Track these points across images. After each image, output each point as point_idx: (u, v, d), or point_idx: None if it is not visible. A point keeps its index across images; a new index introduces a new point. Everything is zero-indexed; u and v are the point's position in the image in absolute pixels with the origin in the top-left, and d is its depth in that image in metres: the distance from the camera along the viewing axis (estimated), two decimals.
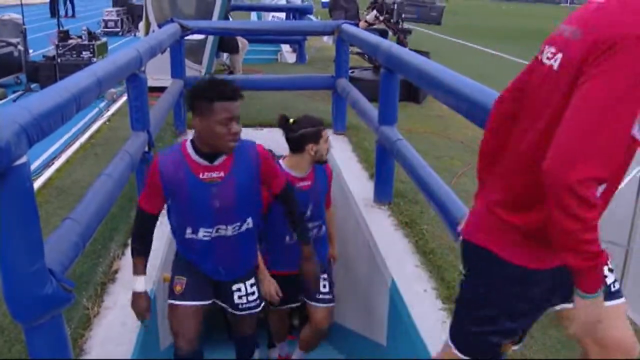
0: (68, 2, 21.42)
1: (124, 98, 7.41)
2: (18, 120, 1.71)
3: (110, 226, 3.58)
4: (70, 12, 21.32)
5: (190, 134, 5.65)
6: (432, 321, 2.85)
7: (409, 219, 3.90)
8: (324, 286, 3.43)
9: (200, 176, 2.54)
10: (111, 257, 3.26)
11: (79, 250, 2.20)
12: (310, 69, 9.49)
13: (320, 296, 3.43)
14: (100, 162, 4.79)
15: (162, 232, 3.61)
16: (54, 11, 19.48)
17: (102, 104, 7.05)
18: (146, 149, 3.71)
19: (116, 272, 3.16)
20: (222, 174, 2.56)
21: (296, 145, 3.22)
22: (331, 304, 3.49)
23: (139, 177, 3.77)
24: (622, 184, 3.03)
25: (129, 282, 3.06)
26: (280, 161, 3.27)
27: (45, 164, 4.99)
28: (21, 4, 9.89)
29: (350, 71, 6.32)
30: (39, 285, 1.81)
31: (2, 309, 2.66)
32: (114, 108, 7.12)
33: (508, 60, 15.02)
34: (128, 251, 3.38)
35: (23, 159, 1.72)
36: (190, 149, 2.57)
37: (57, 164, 4.94)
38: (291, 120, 3.25)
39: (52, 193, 4.15)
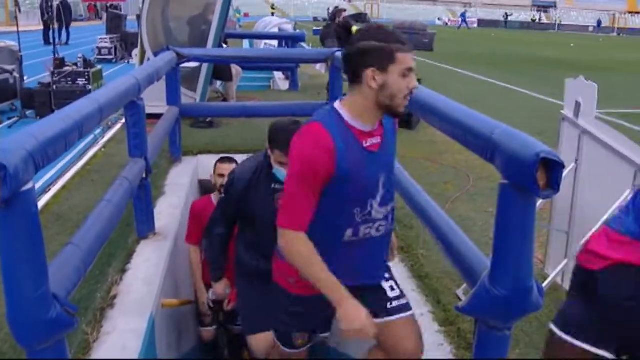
0: (63, 30, 21.56)
1: (119, 125, 7.47)
2: (25, 146, 1.75)
3: (108, 252, 3.60)
4: (64, 40, 21.46)
5: (186, 161, 5.79)
6: (429, 344, 2.87)
7: (404, 244, 3.94)
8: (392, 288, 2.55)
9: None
10: (109, 282, 3.28)
11: (81, 275, 2.22)
12: (303, 96, 9.60)
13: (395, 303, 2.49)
14: (97, 188, 4.83)
15: (159, 257, 3.64)
16: (47, 38, 19.65)
17: (97, 131, 7.09)
18: (144, 175, 3.74)
19: (115, 297, 3.17)
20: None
21: (352, 71, 2.13)
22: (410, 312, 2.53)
23: (136, 203, 3.80)
24: (613, 208, 3.09)
25: (128, 307, 3.09)
26: (337, 102, 2.22)
27: (43, 190, 5.01)
28: (17, 32, 9.98)
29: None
30: (43, 310, 1.83)
31: (1, 334, 2.68)
32: (109, 135, 7.16)
33: (498, 86, 15.21)
34: (126, 276, 3.40)
35: (29, 185, 1.76)
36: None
37: (54, 190, 4.97)
38: (354, 28, 2.58)
39: (50, 219, 4.17)
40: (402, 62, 2.07)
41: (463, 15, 62.07)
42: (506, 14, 66.61)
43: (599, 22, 65.54)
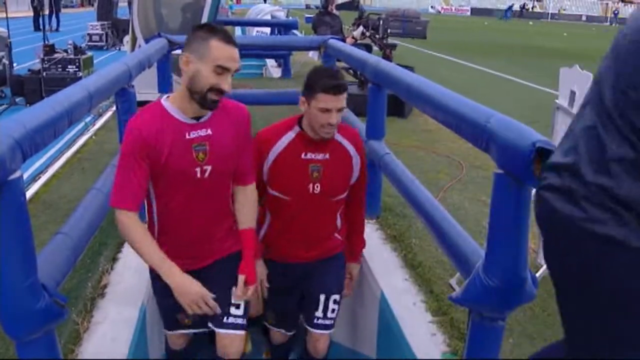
0: (53, 16, 21.38)
1: (110, 113, 7.41)
2: (13, 134, 1.72)
3: (99, 240, 3.57)
4: (54, 26, 21.27)
5: None
6: (422, 334, 2.87)
7: (397, 232, 3.92)
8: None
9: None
10: (100, 271, 3.25)
11: (70, 265, 2.20)
12: (295, 83, 9.54)
13: None
14: (87, 176, 4.79)
15: None
16: (37, 25, 19.47)
17: (88, 119, 7.04)
18: None
19: (105, 286, 3.14)
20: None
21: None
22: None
23: None
24: None
25: (119, 296, 3.06)
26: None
27: (32, 178, 4.96)
28: (6, 18, 9.86)
29: None
30: (32, 300, 1.81)
31: None
32: (100, 122, 7.11)
33: (490, 74, 15.19)
34: (117, 265, 3.38)
35: (17, 174, 1.73)
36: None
37: (44, 178, 4.92)
38: None
39: (39, 208, 4.13)
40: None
41: (510, 7, 60.90)
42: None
43: (616, 13, 64.53)
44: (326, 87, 2.52)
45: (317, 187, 2.70)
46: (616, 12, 64.82)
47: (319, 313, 2.91)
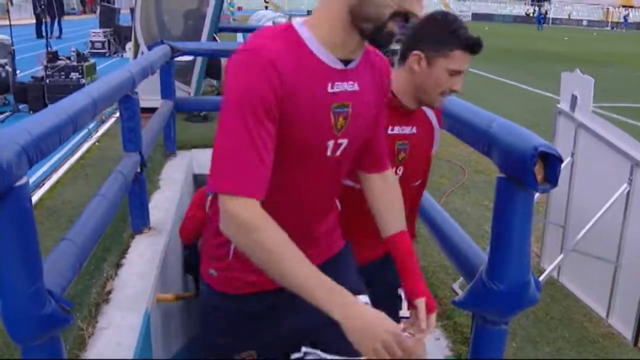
0: (56, 23, 21.44)
1: (113, 119, 7.43)
2: (18, 141, 1.73)
3: (103, 246, 3.58)
4: (56, 33, 21.33)
5: (180, 155, 5.75)
6: (425, 338, 2.87)
7: None
8: None
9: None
10: (104, 277, 3.26)
11: (75, 271, 2.20)
12: None
13: None
14: (90, 182, 4.81)
15: (154, 252, 3.63)
16: (39, 32, 19.53)
17: (91, 125, 7.05)
18: (138, 169, 3.72)
19: (110, 292, 3.15)
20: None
21: None
22: None
23: (131, 198, 3.78)
24: (610, 202, 3.09)
25: (123, 302, 3.07)
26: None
27: (36, 184, 4.98)
28: (10, 25, 9.90)
29: None
30: (38, 306, 1.82)
31: None
32: (103, 129, 7.13)
33: (491, 79, 15.19)
34: (121, 271, 3.38)
35: (23, 180, 1.74)
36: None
37: (48, 184, 4.94)
38: None
39: (43, 214, 4.15)
40: None
41: (542, 15, 60.49)
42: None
43: (625, 17, 64.41)
44: (469, 42, 1.84)
45: (400, 170, 2.04)
46: (626, 17, 64.80)
47: (405, 312, 2.13)
